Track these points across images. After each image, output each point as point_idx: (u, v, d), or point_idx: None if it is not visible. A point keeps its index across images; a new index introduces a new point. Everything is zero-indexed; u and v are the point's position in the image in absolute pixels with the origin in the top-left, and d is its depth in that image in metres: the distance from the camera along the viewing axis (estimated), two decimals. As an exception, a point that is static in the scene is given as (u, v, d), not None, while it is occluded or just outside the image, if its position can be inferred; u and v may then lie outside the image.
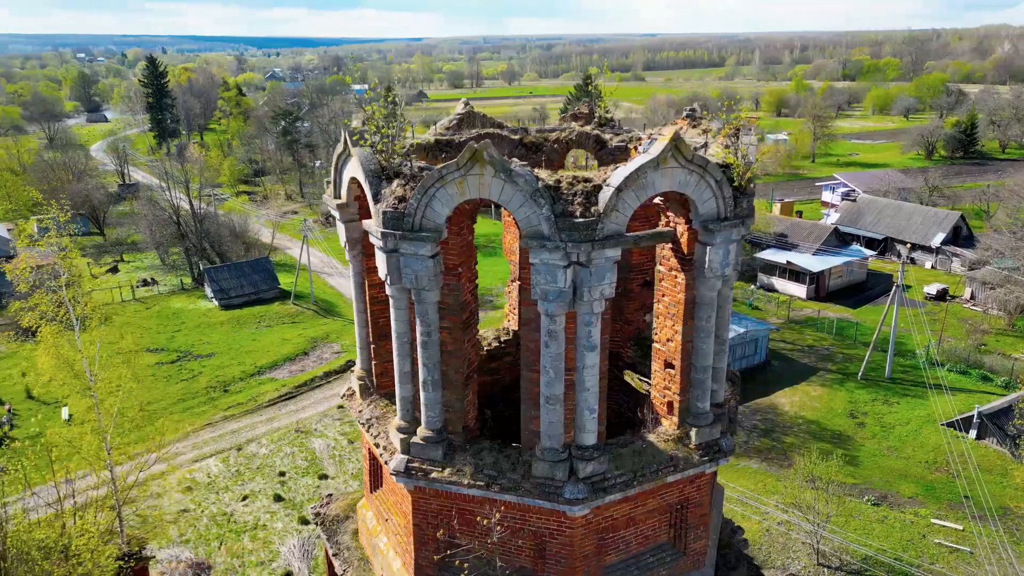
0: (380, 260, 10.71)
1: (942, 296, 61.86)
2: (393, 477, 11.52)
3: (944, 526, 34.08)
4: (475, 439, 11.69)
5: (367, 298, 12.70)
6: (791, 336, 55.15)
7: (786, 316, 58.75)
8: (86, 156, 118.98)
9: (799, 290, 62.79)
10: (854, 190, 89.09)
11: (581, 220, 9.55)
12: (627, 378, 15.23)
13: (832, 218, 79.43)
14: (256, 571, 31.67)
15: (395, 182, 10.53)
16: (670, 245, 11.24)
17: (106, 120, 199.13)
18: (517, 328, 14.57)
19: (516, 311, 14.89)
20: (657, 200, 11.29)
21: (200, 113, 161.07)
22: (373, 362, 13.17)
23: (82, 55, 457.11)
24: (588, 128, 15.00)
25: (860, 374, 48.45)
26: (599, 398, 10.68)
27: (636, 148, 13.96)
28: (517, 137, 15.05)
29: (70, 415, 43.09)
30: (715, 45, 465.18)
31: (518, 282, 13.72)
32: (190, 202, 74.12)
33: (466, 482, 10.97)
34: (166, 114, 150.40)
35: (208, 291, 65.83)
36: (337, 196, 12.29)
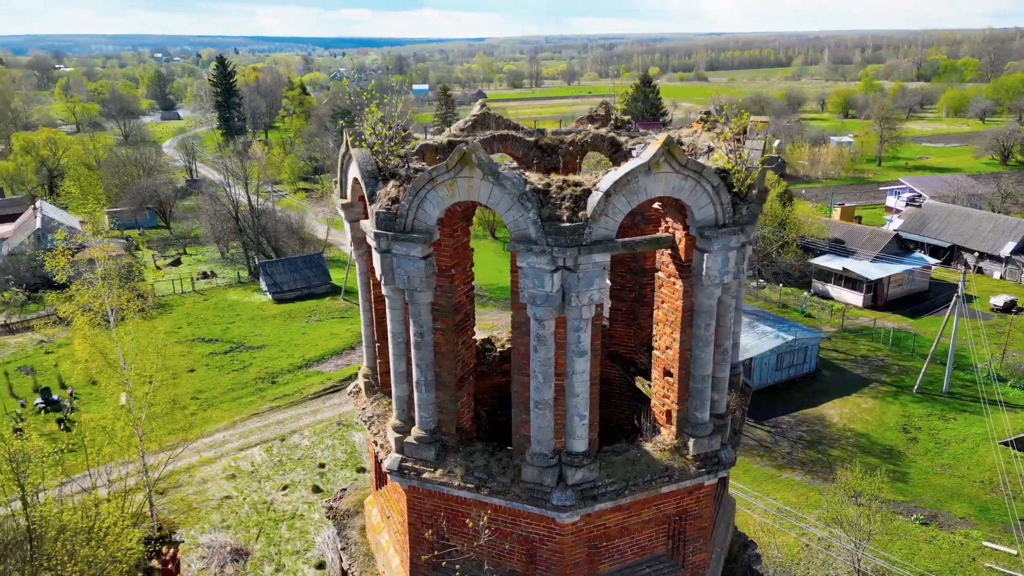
0: (375, 260, 10.83)
1: (1009, 308, 58.88)
2: (388, 475, 11.64)
3: (996, 550, 32.46)
4: (469, 441, 11.70)
5: (372, 297, 12.85)
6: (844, 345, 53.37)
7: (840, 324, 56.88)
8: (157, 152, 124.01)
9: (855, 298, 60.70)
10: (920, 195, 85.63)
11: (568, 224, 9.44)
12: (638, 385, 15.01)
13: (895, 224, 76.53)
14: (291, 560, 32.42)
15: (391, 183, 10.63)
16: (669, 251, 11.01)
17: (179, 118, 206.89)
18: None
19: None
20: (656, 205, 11.10)
21: (266, 112, 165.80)
22: (378, 360, 13.32)
23: (159, 55, 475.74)
24: (603, 131, 14.83)
25: (916, 387, 46.56)
26: (589, 405, 10.54)
27: (651, 151, 13.73)
28: (532, 139, 15.00)
29: (128, 400, 44.98)
30: (782, 44, 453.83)
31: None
32: (248, 198, 76.34)
33: (456, 483, 10.98)
34: (233, 112, 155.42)
35: (263, 284, 67.73)
36: (343, 196, 12.47)
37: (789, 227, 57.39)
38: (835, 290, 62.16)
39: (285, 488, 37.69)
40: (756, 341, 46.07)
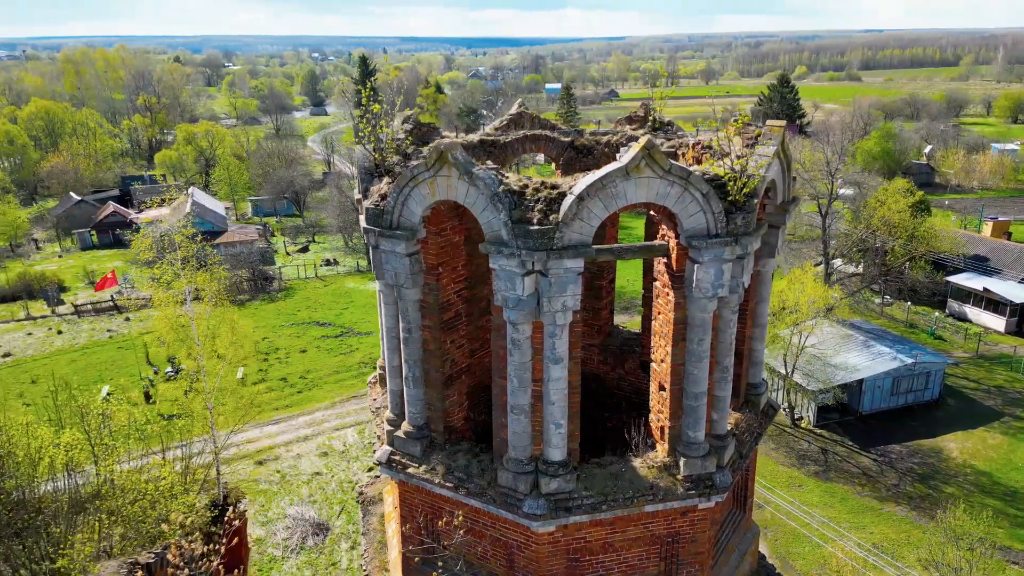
0: (370, 255, 11.07)
1: None
2: (378, 466, 11.88)
3: None
4: (456, 440, 11.71)
5: (384, 291, 13.12)
6: (977, 373, 48.48)
7: (975, 350, 51.68)
8: (302, 145, 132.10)
9: (996, 322, 54.92)
10: (1092, 211, 76.16)
11: (537, 227, 9.23)
12: (663, 397, 14.41)
13: (1055, 242, 68.50)
14: (367, 539, 33.67)
15: (384, 180, 10.83)
16: (664, 261, 10.51)
17: (326, 114, 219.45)
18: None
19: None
20: (652, 212, 10.62)
21: (401, 109, 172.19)
22: (391, 354, 13.59)
23: (316, 55, 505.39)
24: (640, 132, 14.34)
25: (1057, 426, 41.59)
26: (567, 413, 10.25)
27: (684, 154, 13.17)
28: (568, 140, 14.77)
29: (244, 375, 48.35)
30: (950, 42, 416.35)
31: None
32: (371, 191, 79.76)
33: (437, 481, 11.05)
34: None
35: (378, 274, 70.63)
36: (359, 191, 12.82)
37: (918, 240, 52.70)
38: (973, 312, 56.55)
39: (370, 470, 39.16)
40: (868, 362, 42.81)
